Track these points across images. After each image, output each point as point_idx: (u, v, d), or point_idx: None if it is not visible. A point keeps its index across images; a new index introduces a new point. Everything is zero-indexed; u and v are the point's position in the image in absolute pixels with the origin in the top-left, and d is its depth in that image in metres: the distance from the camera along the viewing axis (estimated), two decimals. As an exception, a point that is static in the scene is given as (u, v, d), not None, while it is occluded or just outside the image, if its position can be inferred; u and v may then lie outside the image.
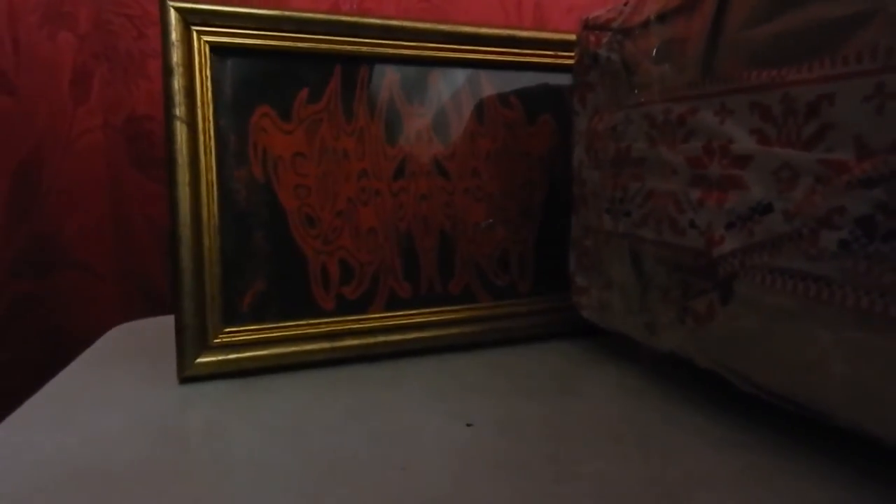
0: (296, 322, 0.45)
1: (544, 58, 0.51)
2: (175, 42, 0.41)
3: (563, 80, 0.52)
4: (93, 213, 0.67)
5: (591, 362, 0.45)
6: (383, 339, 0.46)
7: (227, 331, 0.43)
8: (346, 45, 0.45)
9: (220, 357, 0.42)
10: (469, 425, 0.35)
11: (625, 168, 0.40)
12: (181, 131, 0.41)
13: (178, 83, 0.41)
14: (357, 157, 0.47)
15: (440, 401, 0.38)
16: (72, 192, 0.66)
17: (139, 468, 0.30)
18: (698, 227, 0.33)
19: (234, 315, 0.43)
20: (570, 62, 0.48)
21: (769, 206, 0.29)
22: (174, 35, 0.41)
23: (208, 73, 0.42)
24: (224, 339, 0.43)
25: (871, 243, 0.25)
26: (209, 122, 0.42)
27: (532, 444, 0.32)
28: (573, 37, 0.48)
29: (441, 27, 0.48)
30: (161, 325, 0.53)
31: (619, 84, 0.41)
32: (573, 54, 0.47)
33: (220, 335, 0.42)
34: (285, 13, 0.44)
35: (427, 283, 0.49)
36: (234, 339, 0.43)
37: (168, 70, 0.41)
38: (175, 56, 0.41)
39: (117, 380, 0.42)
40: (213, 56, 0.43)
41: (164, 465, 0.31)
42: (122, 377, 0.43)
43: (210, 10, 0.42)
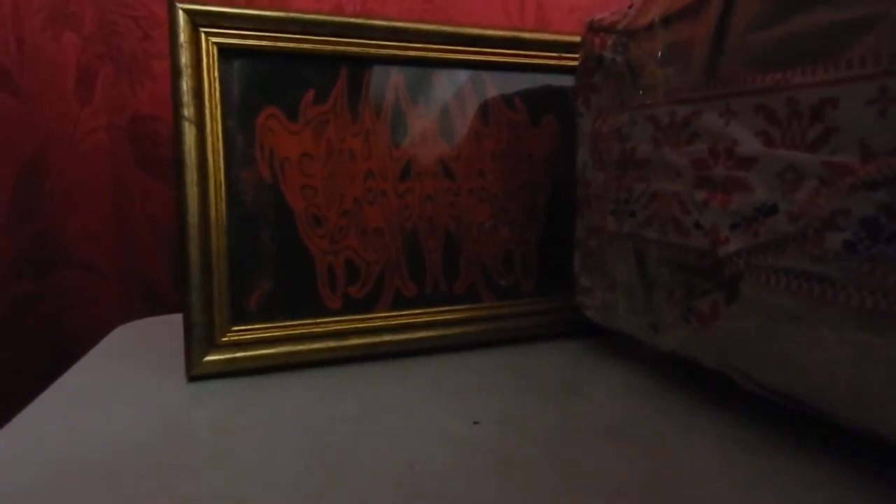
0: (302, 321, 0.45)
1: (548, 59, 0.51)
2: (183, 43, 0.41)
3: (566, 81, 0.52)
4: (96, 213, 0.67)
5: (595, 362, 0.46)
6: (389, 338, 0.46)
7: (234, 329, 0.43)
8: (352, 46, 0.46)
9: (227, 356, 0.42)
10: (476, 423, 0.35)
11: (629, 169, 0.40)
12: (189, 132, 0.41)
13: (186, 84, 0.41)
14: (363, 158, 0.47)
15: (446, 399, 0.39)
16: (75, 193, 0.66)
17: (149, 464, 0.31)
18: (703, 227, 0.34)
19: (241, 314, 0.44)
20: (574, 64, 0.48)
21: (774, 208, 0.29)
22: (183, 37, 0.41)
23: (216, 75, 0.43)
24: (231, 338, 0.43)
25: (875, 245, 0.25)
26: (217, 123, 0.43)
27: (537, 443, 0.33)
28: (577, 38, 0.48)
29: (445, 28, 0.48)
30: (167, 324, 0.53)
31: (623, 86, 0.41)
32: (577, 56, 0.47)
33: (228, 334, 0.43)
34: (292, 15, 0.44)
35: (432, 282, 0.49)
36: (242, 337, 0.43)
37: (176, 71, 0.41)
38: (183, 57, 0.41)
39: (126, 378, 0.43)
40: (220, 57, 0.43)
41: (173, 461, 0.31)
42: (131, 375, 0.43)
43: (218, 12, 0.42)
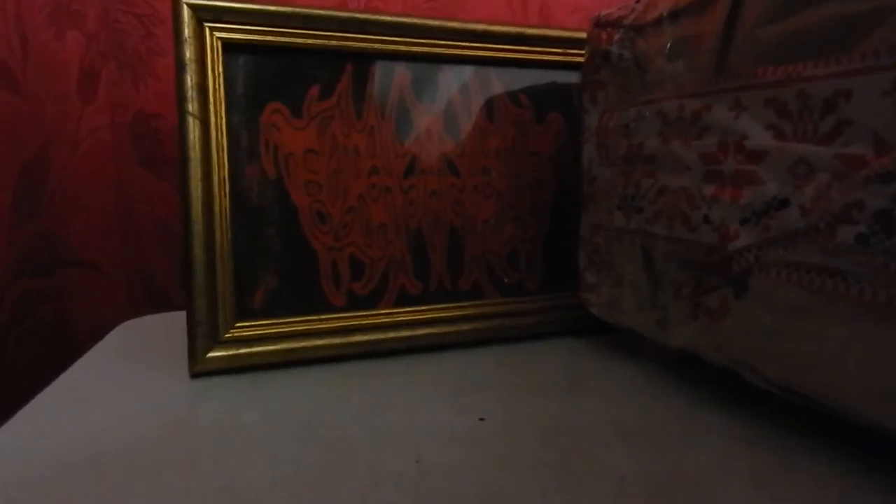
0: (306, 318, 0.45)
1: (553, 56, 0.51)
2: (188, 38, 0.41)
3: (571, 78, 0.52)
4: (99, 211, 0.67)
5: (600, 359, 0.45)
6: (393, 335, 0.46)
7: (238, 326, 0.43)
8: (357, 42, 0.45)
9: (231, 352, 0.42)
10: (482, 419, 0.35)
11: (637, 165, 0.40)
12: (194, 127, 0.41)
13: (190, 79, 0.41)
14: (368, 154, 0.47)
15: (451, 396, 0.38)
16: (78, 191, 0.66)
17: (152, 459, 0.31)
18: (712, 222, 0.34)
19: (245, 310, 0.44)
20: (580, 60, 0.48)
21: (785, 201, 0.29)
22: (187, 31, 0.41)
23: (220, 70, 0.42)
24: (235, 334, 0.43)
25: (889, 238, 0.25)
26: (221, 119, 0.42)
27: (544, 439, 0.32)
28: (583, 35, 0.48)
29: (450, 24, 0.48)
30: (171, 321, 0.53)
31: (630, 81, 0.41)
32: (582, 52, 0.47)
33: (232, 330, 0.43)
34: (297, 10, 0.44)
35: (437, 279, 0.49)
36: (246, 334, 0.43)
37: (181, 66, 0.41)
38: (188, 52, 0.41)
39: (129, 373, 0.42)
40: (225, 52, 0.43)
41: (176, 456, 0.31)
42: (135, 371, 0.43)
43: (222, 7, 0.42)
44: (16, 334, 0.63)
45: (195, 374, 0.42)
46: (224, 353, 0.42)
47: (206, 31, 0.42)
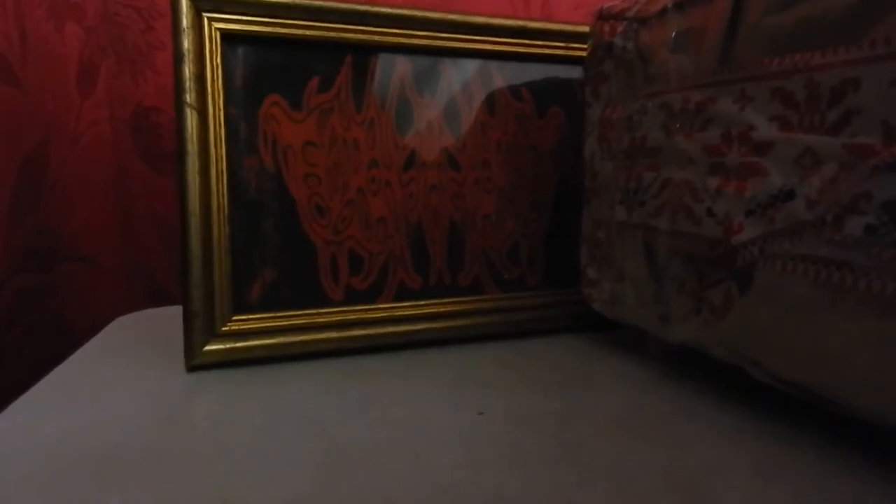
0: (304, 311, 0.44)
1: (555, 49, 0.50)
2: (186, 28, 0.41)
3: (573, 72, 0.52)
4: (98, 206, 0.66)
5: (601, 355, 0.45)
6: (392, 329, 0.45)
7: (235, 319, 0.42)
8: (357, 33, 0.45)
9: (228, 345, 0.42)
10: (481, 414, 0.34)
11: (639, 158, 0.40)
12: (191, 118, 0.41)
13: (188, 70, 0.41)
14: (367, 147, 0.46)
15: (450, 391, 0.38)
16: (77, 186, 0.65)
17: (146, 453, 0.30)
18: (716, 215, 0.33)
19: (242, 303, 0.43)
20: (581, 54, 0.48)
21: (791, 193, 0.29)
22: (185, 21, 0.41)
23: (219, 61, 0.42)
24: (232, 328, 0.42)
25: (898, 228, 0.24)
26: (219, 110, 0.42)
27: (544, 434, 0.32)
28: (585, 28, 0.48)
29: (452, 17, 0.47)
30: (167, 315, 0.52)
31: (634, 74, 0.40)
32: (584, 46, 0.46)
33: (229, 323, 0.42)
34: (297, 1, 0.43)
35: (436, 274, 0.48)
36: (243, 327, 0.42)
37: (179, 56, 0.41)
38: (186, 42, 0.41)
39: (124, 368, 0.42)
40: (224, 43, 0.42)
41: (170, 450, 0.30)
42: (129, 365, 0.42)
43: (221, -3, 0.42)
44: (15, 329, 0.62)
45: (192, 368, 0.41)
46: (221, 346, 0.42)
47: (205, 21, 0.41)
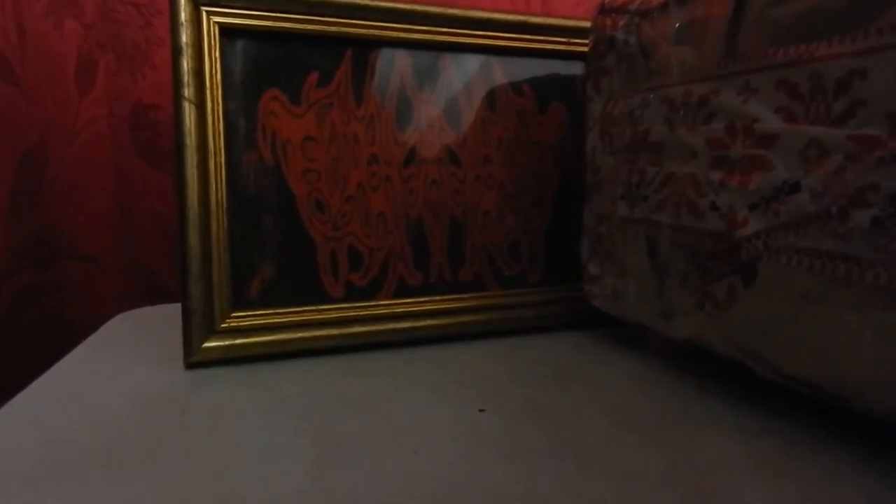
0: (304, 308, 0.44)
1: (556, 44, 0.50)
2: (184, 22, 0.40)
3: (574, 68, 0.51)
4: (97, 203, 0.66)
5: (602, 352, 0.44)
6: (392, 326, 0.45)
7: (234, 316, 0.42)
8: (357, 28, 0.45)
9: (226, 342, 0.41)
10: (482, 410, 0.34)
11: (642, 153, 0.39)
12: (190, 113, 0.40)
13: (187, 64, 0.40)
14: (367, 143, 0.46)
15: (450, 388, 0.38)
16: (76, 183, 0.65)
17: (144, 450, 0.30)
18: (719, 209, 0.33)
19: (241, 300, 0.43)
20: (583, 49, 0.47)
21: (796, 186, 0.28)
22: (183, 15, 0.40)
23: (217, 55, 0.42)
24: (231, 324, 0.42)
25: (905, 220, 0.24)
26: (218, 105, 0.42)
27: (545, 431, 0.32)
28: (586, 23, 0.47)
29: (452, 11, 0.47)
30: (166, 313, 0.52)
31: (636, 67, 0.40)
32: (586, 41, 0.46)
33: (228, 320, 0.42)
34: (296, -5, 0.43)
35: (437, 270, 0.48)
36: (242, 324, 0.42)
37: (177, 50, 0.40)
38: (184, 36, 0.40)
39: (122, 364, 0.42)
40: (222, 37, 0.42)
41: (169, 447, 0.30)
42: (128, 362, 0.42)
43: (220, -10, 0.41)
44: (14, 327, 0.62)
45: (190, 365, 0.41)
46: (220, 343, 0.41)
47: (203, 14, 0.41)
